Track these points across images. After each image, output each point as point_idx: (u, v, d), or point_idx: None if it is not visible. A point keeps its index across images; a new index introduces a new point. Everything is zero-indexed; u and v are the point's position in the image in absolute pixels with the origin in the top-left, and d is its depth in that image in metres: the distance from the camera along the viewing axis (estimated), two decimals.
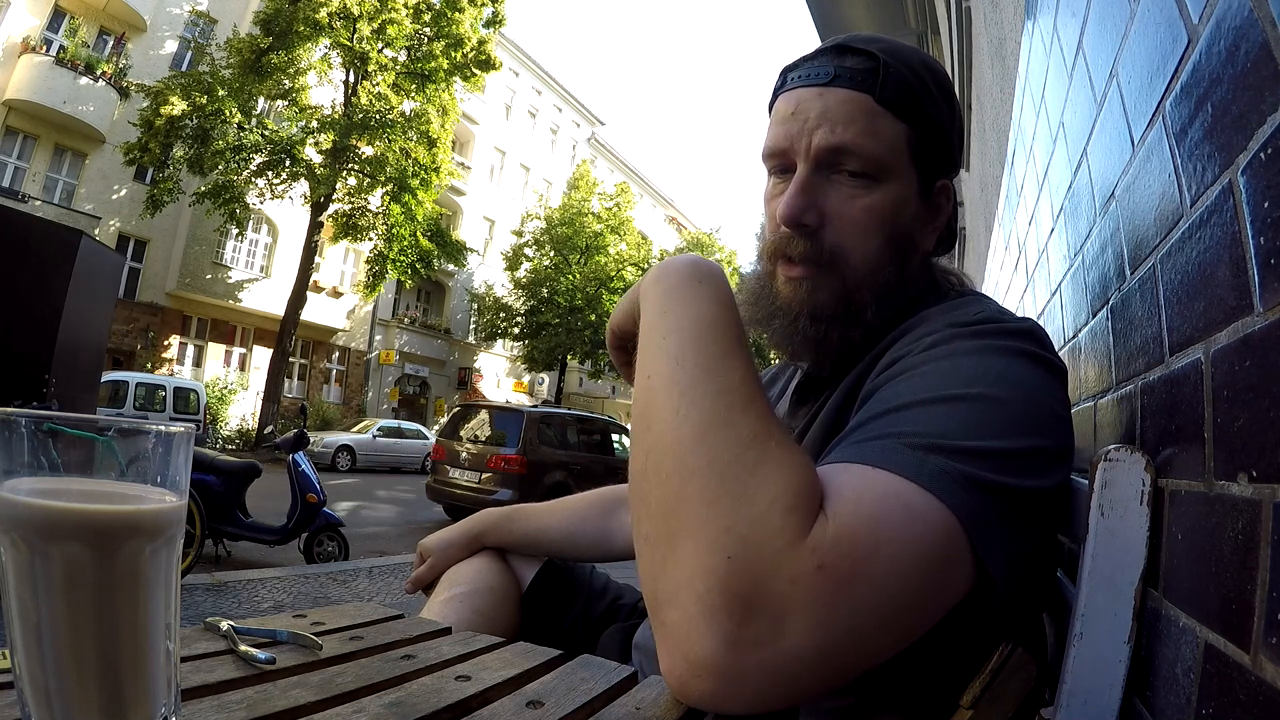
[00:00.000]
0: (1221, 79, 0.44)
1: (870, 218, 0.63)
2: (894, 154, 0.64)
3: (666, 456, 0.45)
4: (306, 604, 3.86)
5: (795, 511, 0.40)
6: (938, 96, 0.66)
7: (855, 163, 0.63)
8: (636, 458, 0.48)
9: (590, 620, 0.94)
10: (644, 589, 0.45)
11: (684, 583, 0.40)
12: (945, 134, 0.67)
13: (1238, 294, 0.42)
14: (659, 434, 0.46)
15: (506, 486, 7.78)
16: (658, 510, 0.44)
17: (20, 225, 4.74)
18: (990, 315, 0.59)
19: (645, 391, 0.50)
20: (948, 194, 0.70)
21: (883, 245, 0.64)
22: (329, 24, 14.27)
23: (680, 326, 0.51)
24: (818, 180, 0.64)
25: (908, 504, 0.43)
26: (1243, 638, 0.39)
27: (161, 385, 13.55)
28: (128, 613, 0.33)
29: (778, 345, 0.68)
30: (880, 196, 0.63)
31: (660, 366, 0.49)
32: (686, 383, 0.47)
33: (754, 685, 0.39)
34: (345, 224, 16.10)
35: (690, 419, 0.45)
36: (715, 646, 0.39)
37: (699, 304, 0.52)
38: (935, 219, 0.69)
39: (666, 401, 0.47)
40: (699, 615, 0.39)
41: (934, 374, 0.52)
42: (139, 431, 0.35)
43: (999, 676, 0.48)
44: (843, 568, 0.40)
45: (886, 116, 0.63)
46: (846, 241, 0.64)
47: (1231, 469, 0.42)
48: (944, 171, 0.69)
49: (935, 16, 4.65)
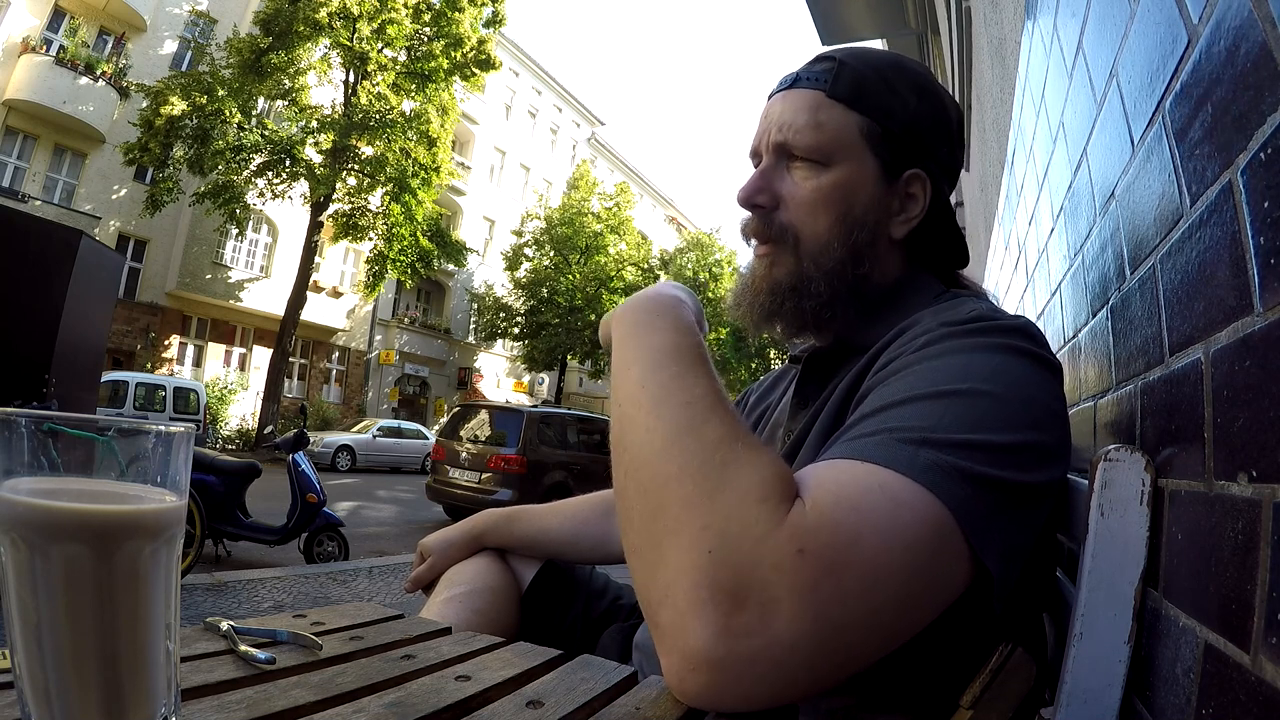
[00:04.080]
0: (1221, 79, 0.44)
1: (818, 197, 0.69)
2: (842, 142, 0.68)
3: (642, 470, 0.48)
4: (306, 604, 3.86)
5: (767, 501, 0.42)
6: (903, 91, 0.70)
7: (802, 150, 0.69)
8: (617, 479, 0.51)
9: (590, 620, 0.94)
10: (639, 598, 0.46)
11: (671, 582, 0.42)
12: (912, 125, 0.69)
13: (1238, 294, 0.42)
14: (634, 452, 0.49)
15: (506, 486, 7.78)
16: (640, 521, 0.46)
17: (20, 225, 4.75)
18: (983, 313, 0.60)
19: (618, 420, 0.53)
20: (923, 184, 0.70)
21: (833, 224, 0.69)
22: (329, 24, 14.26)
23: (639, 357, 0.55)
24: (776, 169, 0.71)
25: (894, 495, 0.44)
26: (1242, 638, 0.39)
27: (161, 385, 13.56)
28: (127, 613, 0.33)
29: (752, 322, 0.74)
30: (828, 179, 0.69)
31: (628, 393, 0.53)
32: (651, 402, 0.50)
33: (750, 676, 0.39)
34: (345, 224, 16.09)
35: (658, 431, 0.48)
36: (707, 639, 0.40)
37: (656, 335, 0.57)
38: (907, 208, 0.71)
39: (636, 421, 0.50)
40: (689, 610, 0.41)
41: (927, 371, 0.53)
42: (139, 431, 0.35)
43: (999, 676, 0.48)
44: (825, 554, 0.40)
45: (836, 108, 0.68)
46: (797, 220, 0.70)
47: (1231, 469, 0.42)
48: (914, 161, 0.70)
49: (935, 16, 4.65)
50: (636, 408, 0.51)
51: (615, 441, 0.53)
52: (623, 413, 0.53)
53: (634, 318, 0.61)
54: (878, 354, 0.62)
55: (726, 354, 25.62)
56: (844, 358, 0.71)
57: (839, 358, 0.72)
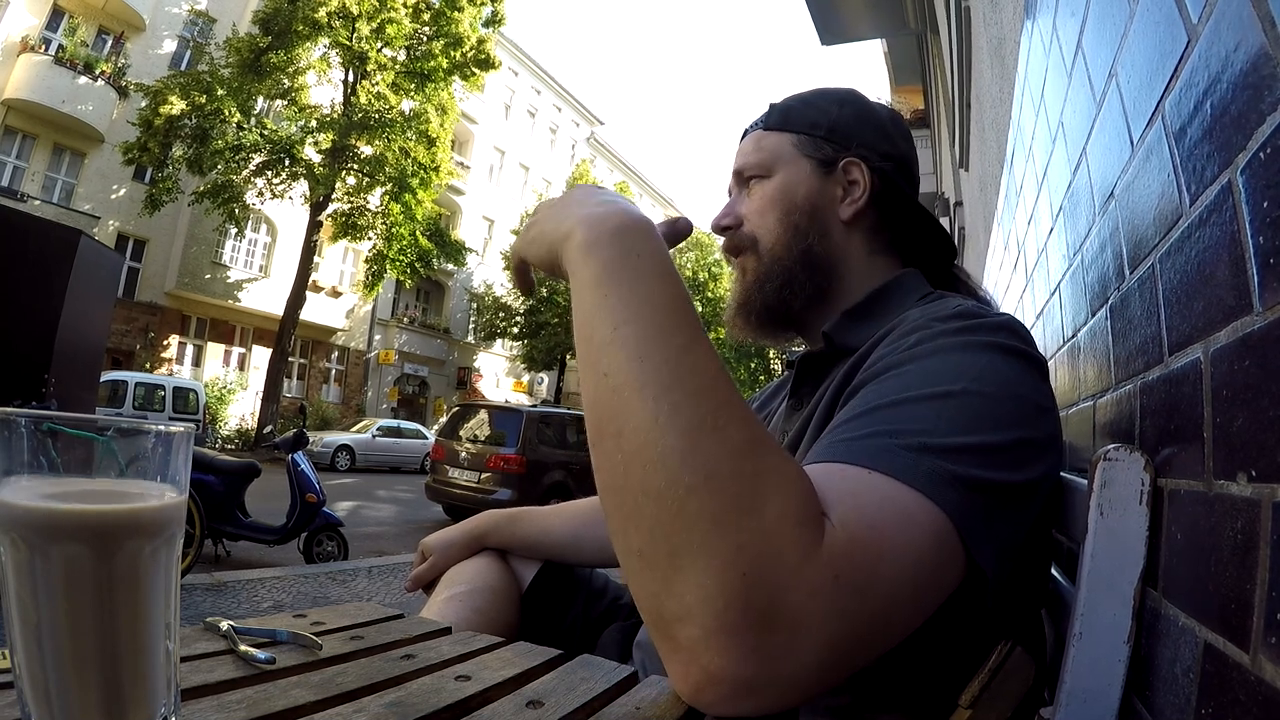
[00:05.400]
0: (1221, 79, 0.44)
1: (765, 202, 0.80)
2: (777, 155, 0.80)
3: (653, 470, 0.41)
4: (306, 604, 3.86)
5: (806, 525, 0.40)
6: (824, 105, 0.82)
7: (751, 169, 0.82)
8: (610, 469, 0.44)
9: (590, 620, 0.95)
10: (643, 605, 0.43)
11: (698, 602, 0.39)
12: (835, 127, 0.80)
13: (1237, 293, 0.42)
14: (638, 445, 0.42)
15: (506, 486, 7.77)
16: (653, 527, 0.41)
17: (19, 225, 4.74)
18: (969, 310, 0.61)
19: (607, 393, 0.45)
20: (860, 169, 0.78)
21: (781, 219, 0.78)
22: (328, 23, 14.25)
23: (631, 316, 0.46)
24: (739, 196, 0.84)
25: (903, 509, 0.44)
26: (1242, 637, 0.39)
27: (161, 385, 13.56)
28: (127, 613, 0.33)
29: (748, 330, 0.82)
30: (771, 185, 0.80)
31: (620, 364, 0.45)
32: (659, 385, 0.43)
33: (773, 692, 0.39)
34: (344, 223, 16.09)
35: (675, 427, 0.42)
36: (736, 659, 0.38)
37: (644, 284, 0.48)
38: (850, 192, 0.79)
39: (640, 408, 0.43)
40: (719, 631, 0.39)
41: (919, 371, 0.54)
42: (138, 431, 0.35)
43: (998, 676, 0.48)
44: (856, 578, 0.40)
45: (770, 135, 0.82)
46: (755, 227, 0.80)
47: (1231, 468, 0.42)
48: (845, 152, 0.79)
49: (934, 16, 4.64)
50: (639, 389, 0.43)
51: (603, 419, 0.45)
52: (614, 387, 0.44)
53: (611, 254, 0.49)
54: (867, 353, 0.63)
55: (726, 354, 25.65)
56: (835, 359, 0.72)
57: (831, 359, 0.74)
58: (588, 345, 0.47)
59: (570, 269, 0.52)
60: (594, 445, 0.46)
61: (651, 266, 0.49)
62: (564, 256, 0.52)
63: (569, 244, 0.52)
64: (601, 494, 0.45)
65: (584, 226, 0.52)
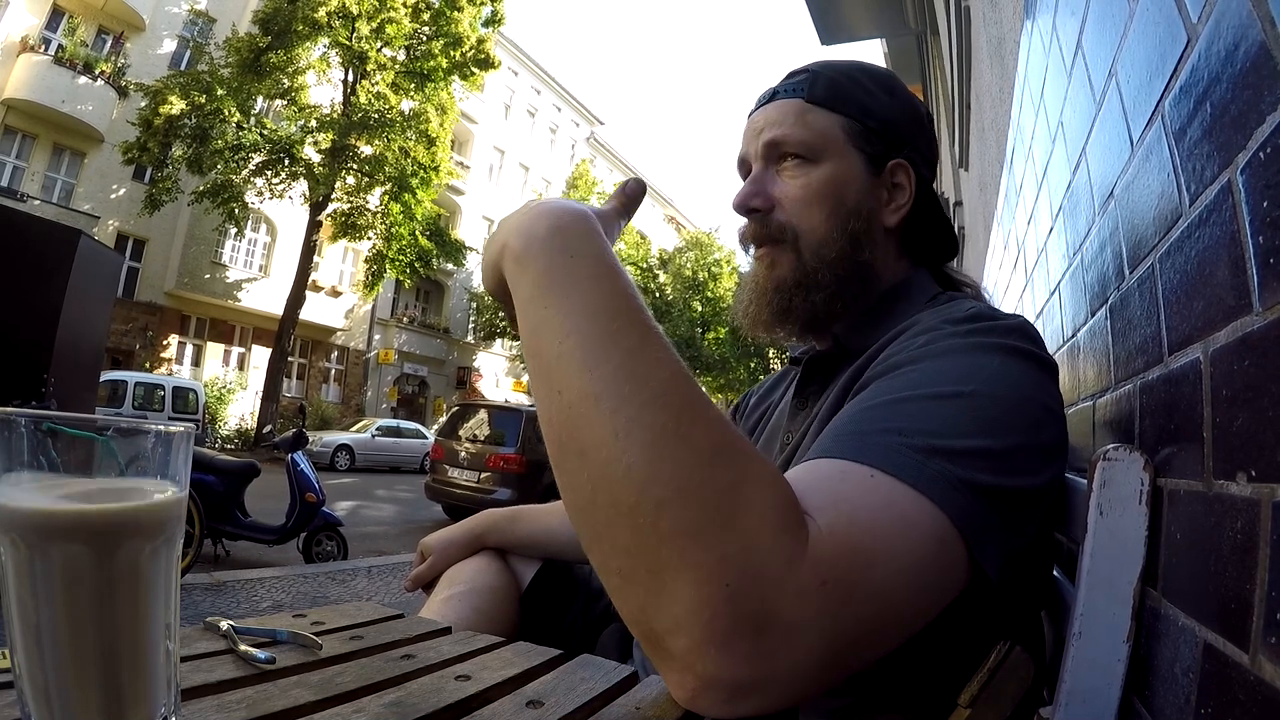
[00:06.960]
0: (1221, 78, 0.44)
1: (810, 193, 0.72)
2: (827, 139, 0.72)
3: (620, 487, 0.39)
4: (305, 603, 3.86)
5: (786, 531, 0.39)
6: (874, 90, 0.74)
7: (793, 146, 0.72)
8: (578, 490, 0.42)
9: (590, 619, 0.95)
10: (629, 619, 0.41)
11: (685, 615, 0.38)
12: (888, 119, 0.74)
13: (1237, 293, 0.42)
14: (602, 463, 0.40)
15: (505, 486, 7.77)
16: (629, 547, 0.40)
17: (19, 224, 4.74)
18: (981, 312, 0.61)
19: (561, 411, 0.42)
20: (908, 173, 0.74)
21: (829, 217, 0.71)
22: (328, 23, 14.26)
23: (573, 327, 0.43)
24: (767, 173, 0.74)
25: (903, 514, 0.43)
26: (1241, 637, 0.39)
27: (160, 385, 13.55)
28: (127, 612, 0.33)
29: (762, 324, 0.75)
30: (818, 175, 0.72)
31: (570, 380, 0.42)
32: (614, 397, 0.41)
33: (770, 693, 0.39)
34: (344, 223, 16.08)
35: (636, 440, 0.39)
36: (730, 665, 0.38)
37: (581, 289, 0.45)
38: (896, 197, 0.74)
39: (598, 423, 0.41)
40: (709, 641, 0.38)
41: (929, 371, 0.53)
42: (138, 431, 0.35)
43: (997, 675, 0.48)
44: (845, 582, 0.40)
45: (817, 111, 0.73)
46: (794, 217, 0.72)
47: (1230, 468, 0.42)
48: (895, 152, 0.74)
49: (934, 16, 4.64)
50: (593, 403, 0.41)
51: (562, 439, 0.42)
52: (568, 403, 0.42)
53: (548, 255, 0.47)
54: (875, 354, 0.63)
55: (726, 353, 25.63)
56: (843, 360, 0.72)
57: (839, 360, 0.73)
58: (537, 361, 0.45)
59: (510, 285, 0.49)
60: (557, 467, 0.43)
61: (588, 268, 0.46)
62: (505, 273, 0.50)
63: (505, 259, 0.50)
64: (571, 516, 0.43)
65: (515, 236, 0.49)
